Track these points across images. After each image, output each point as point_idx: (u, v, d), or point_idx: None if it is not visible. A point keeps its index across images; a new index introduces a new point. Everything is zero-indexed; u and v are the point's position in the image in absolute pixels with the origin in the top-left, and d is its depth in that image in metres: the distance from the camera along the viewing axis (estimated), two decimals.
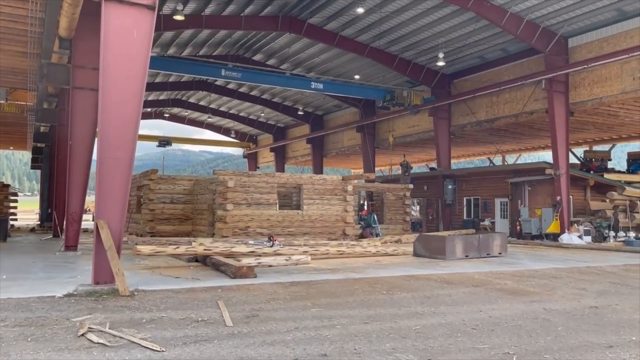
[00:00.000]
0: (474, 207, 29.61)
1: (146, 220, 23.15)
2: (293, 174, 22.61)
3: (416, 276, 10.96)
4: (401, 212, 28.90)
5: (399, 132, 35.52)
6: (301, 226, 21.78)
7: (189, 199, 23.97)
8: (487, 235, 15.44)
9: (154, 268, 11.85)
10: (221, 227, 20.12)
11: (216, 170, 20.71)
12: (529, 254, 17.04)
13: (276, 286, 9.45)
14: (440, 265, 13.18)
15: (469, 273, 11.64)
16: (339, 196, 22.79)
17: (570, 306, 8.11)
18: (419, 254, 15.30)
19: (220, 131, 56.11)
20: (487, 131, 31.48)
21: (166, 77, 38.82)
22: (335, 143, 43.50)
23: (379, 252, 15.35)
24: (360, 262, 13.79)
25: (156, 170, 23.48)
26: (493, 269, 12.51)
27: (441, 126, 30.91)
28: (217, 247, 12.28)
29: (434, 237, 15.39)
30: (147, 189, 23.35)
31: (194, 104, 48.03)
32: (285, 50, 31.67)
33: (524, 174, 26.37)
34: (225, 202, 20.18)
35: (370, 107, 37.36)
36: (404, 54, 29.36)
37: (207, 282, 9.84)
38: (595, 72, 23.14)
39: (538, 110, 25.87)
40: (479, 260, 14.65)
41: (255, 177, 21.18)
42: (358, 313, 7.36)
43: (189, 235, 23.52)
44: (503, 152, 42.04)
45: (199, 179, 23.56)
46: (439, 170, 31.18)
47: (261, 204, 21.00)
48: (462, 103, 30.02)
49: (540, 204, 25.39)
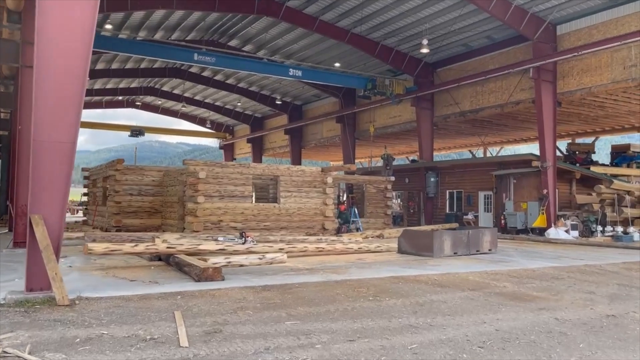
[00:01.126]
0: (457, 201, 28.72)
1: (111, 214, 21.61)
2: (269, 164, 21.32)
3: (404, 277, 9.81)
4: (382, 206, 27.82)
5: (380, 122, 34.44)
6: (278, 220, 20.52)
7: (159, 191, 22.48)
8: (476, 230, 14.42)
9: (110, 269, 10.48)
10: (192, 221, 18.74)
11: (186, 160, 19.29)
12: (519, 250, 16.10)
13: (246, 291, 8.20)
14: (429, 264, 12.08)
15: (462, 273, 10.55)
16: (318, 189, 21.58)
17: (585, 315, 7.04)
18: (404, 250, 14.20)
19: (196, 121, 54.35)
20: (471, 122, 30.60)
21: (137, 64, 36.99)
22: (315, 134, 42.23)
23: (361, 249, 14.20)
24: (342, 260, 12.62)
25: (122, 159, 21.90)
26: (487, 268, 11.46)
27: (424, 117, 29.90)
28: (181, 245, 10.95)
29: (420, 233, 14.30)
30: (112, 180, 21.79)
31: (167, 93, 46.20)
32: (262, 36, 30.21)
33: (510, 166, 25.53)
34: (196, 195, 18.79)
35: (351, 97, 36.18)
36: (386, 40, 28.18)
37: (167, 286, 8.53)
38: (584, 61, 22.32)
39: (524, 100, 25.01)
40: (469, 257, 13.61)
41: (228, 167, 19.81)
42: (341, 327, 6.17)
43: (158, 229, 22.07)
44: (485, 144, 41.34)
45: (169, 169, 22.09)
46: (421, 162, 30.20)
47: (235, 197, 19.66)
48: (445, 93, 29.03)
49: (526, 198, 24.58)
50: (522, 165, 24.60)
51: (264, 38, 30.38)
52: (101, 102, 49.23)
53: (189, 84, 42.59)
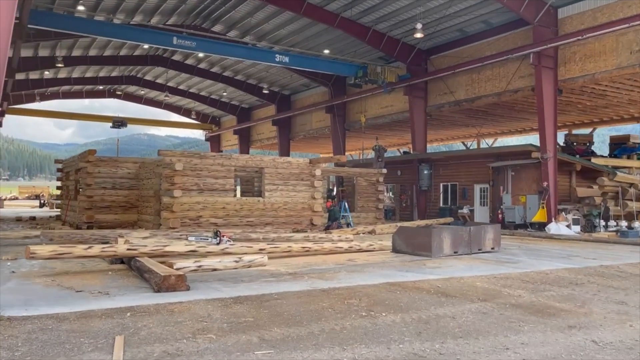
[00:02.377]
0: (452, 194, 27.47)
1: (83, 209, 20.05)
2: (253, 155, 19.87)
3: (402, 284, 8.45)
4: (374, 199, 26.49)
5: (372, 112, 33.03)
6: (262, 215, 19.11)
7: (134, 184, 20.95)
8: (478, 227, 13.11)
9: (59, 275, 9.02)
10: (168, 216, 17.27)
11: (162, 150, 17.76)
12: (523, 248, 14.83)
13: (213, 305, 6.78)
14: (428, 266, 10.74)
15: (467, 278, 9.21)
16: (306, 181, 20.18)
17: (626, 336, 5.73)
18: (399, 249, 12.86)
19: (181, 112, 52.62)
20: (465, 112, 29.32)
21: (116, 50, 35.21)
22: (303, 125, 40.73)
23: (352, 248, 12.84)
24: (330, 262, 11.25)
25: (94, 150, 20.33)
26: (494, 271, 10.14)
27: (417, 106, 28.54)
28: (145, 246, 9.50)
29: (417, 231, 12.95)
30: (84, 172, 20.22)
31: (150, 82, 44.42)
32: (247, 20, 28.59)
33: (507, 157, 24.27)
34: (172, 188, 17.31)
35: (341, 86, 34.71)
36: (377, 25, 26.70)
37: (118, 299, 7.10)
38: (587, 46, 21.04)
39: (523, 88, 23.70)
40: (471, 257, 12.30)
41: (208, 158, 18.33)
42: (328, 357, 4.80)
43: (134, 225, 20.58)
44: (479, 136, 40.13)
45: (145, 161, 20.54)
46: (413, 154, 28.87)
47: (215, 190, 18.20)
48: (439, 81, 27.69)
49: (524, 191, 23.37)
50: (521, 157, 23.35)
51: (249, 23, 28.77)
52: (81, 92, 47.36)
53: (172, 73, 40.86)
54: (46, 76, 39.38)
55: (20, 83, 39.30)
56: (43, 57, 33.37)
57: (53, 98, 46.58)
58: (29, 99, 44.71)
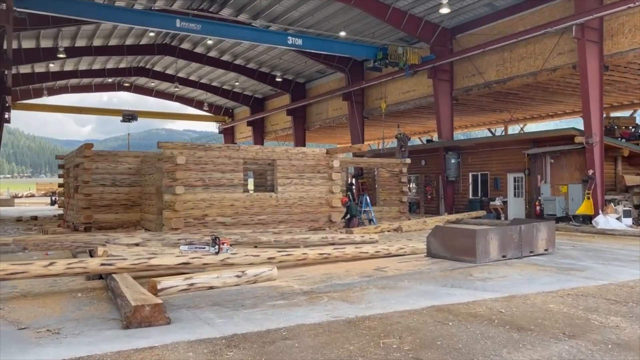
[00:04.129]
0: (482, 184, 25.23)
1: (80, 208, 18.37)
2: (264, 147, 17.94)
3: (452, 309, 6.43)
4: (397, 192, 24.46)
5: (392, 99, 30.80)
6: (275, 213, 17.20)
7: (136, 181, 19.21)
8: (530, 226, 10.99)
9: (15, 299, 7.17)
10: (170, 216, 15.46)
11: (162, 142, 15.91)
12: (578, 248, 12.68)
13: (197, 352, 4.85)
14: (476, 277, 8.69)
15: (534, 297, 7.15)
16: (323, 174, 18.21)
17: None
18: (436, 253, 10.83)
19: (193, 104, 50.94)
20: (493, 96, 27.00)
21: (122, 39, 33.51)
22: (319, 114, 38.67)
23: (379, 253, 10.84)
24: (355, 271, 9.28)
25: (91, 144, 18.59)
26: (562, 283, 8.05)
27: (442, 90, 26.26)
28: (124, 260, 7.62)
29: (458, 232, 10.87)
30: (81, 168, 18.52)
31: (160, 73, 42.73)
32: (257, 3, 26.54)
33: (546, 143, 21.93)
34: (174, 184, 15.49)
35: (359, 72, 32.54)
36: (398, 2, 24.42)
37: (67, 342, 5.18)
38: (638, 15, 18.60)
39: (563, 66, 21.31)
40: (523, 262, 10.21)
41: (213, 150, 16.43)
42: None
43: (136, 225, 18.88)
44: (510, 121, 37.66)
45: (147, 155, 18.73)
46: (439, 141, 26.63)
47: (222, 186, 16.34)
48: (467, 62, 25.38)
49: (565, 180, 21.07)
50: (562, 142, 21.02)
51: (259, 5, 26.71)
52: (90, 86, 45.92)
53: (182, 63, 39.10)
54: (52, 69, 37.93)
55: (26, 77, 37.96)
56: (45, 48, 31.81)
57: (62, 92, 45.22)
58: (37, 93, 43.45)
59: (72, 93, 46.20)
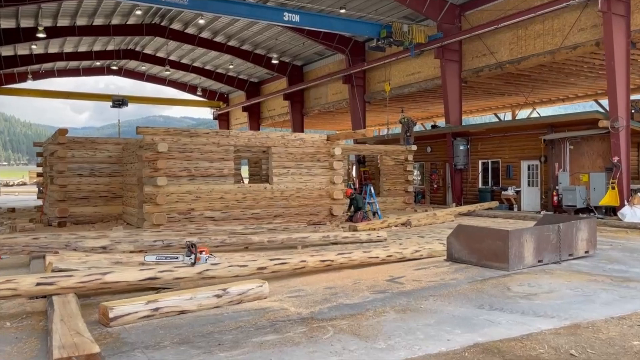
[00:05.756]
0: (493, 173, 23.53)
1: (55, 201, 16.62)
2: (257, 132, 16.16)
3: (503, 350, 4.73)
4: (402, 181, 22.80)
5: (395, 82, 28.94)
6: (270, 206, 15.48)
7: (117, 170, 17.45)
8: (569, 224, 9.30)
9: None
10: (151, 211, 13.74)
11: (141, 127, 14.10)
12: (617, 247, 11.02)
13: None
14: (516, 292, 7.00)
15: (602, 326, 5.46)
16: (323, 163, 16.46)
17: None
18: (458, 257, 9.14)
19: (186, 89, 48.94)
20: (504, 78, 25.20)
21: (107, 19, 31.44)
22: (318, 99, 36.78)
23: (391, 258, 9.14)
24: (364, 283, 7.60)
25: (65, 130, 16.77)
26: (629, 303, 6.36)
27: (450, 71, 24.42)
28: (69, 277, 5.90)
29: (486, 232, 9.15)
30: (55, 157, 16.73)
31: (150, 56, 40.67)
32: None
33: (565, 128, 20.20)
34: (155, 175, 13.74)
35: (360, 53, 30.66)
36: None
37: None
38: None
39: (584, 43, 19.48)
40: (565, 270, 8.53)
41: (200, 137, 14.64)
42: None
43: (118, 219, 17.16)
44: (513, 106, 35.89)
45: (129, 142, 16.94)
46: (447, 126, 24.85)
47: (211, 176, 14.60)
48: (477, 40, 23.52)
49: (587, 168, 19.40)
50: (583, 127, 19.29)
51: None
52: (78, 70, 43.89)
53: (173, 45, 37.07)
54: (35, 51, 35.89)
55: (8, 60, 35.94)
56: (26, 28, 29.81)
57: (48, 76, 43.18)
58: (22, 77, 41.44)
59: (59, 77, 44.17)
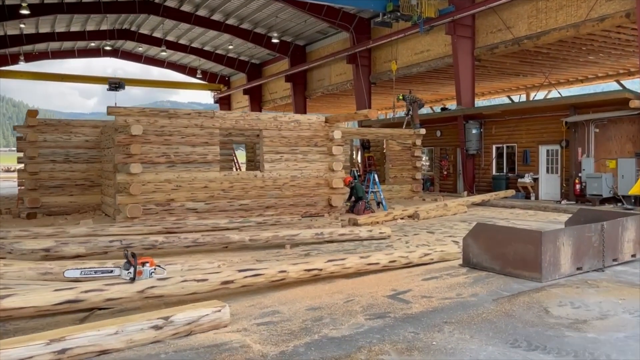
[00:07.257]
0: (508, 158, 21.75)
1: (26, 190, 15.09)
2: (246, 113, 14.46)
3: None
4: (409, 168, 21.10)
5: (402, 61, 27.08)
6: (261, 196, 13.85)
7: (95, 156, 15.87)
8: (614, 222, 7.61)
9: None
10: (124, 201, 12.16)
11: (112, 107, 12.45)
12: None
13: None
14: (558, 318, 5.34)
15: None
16: (321, 147, 14.77)
17: None
18: (477, 263, 7.48)
19: (186, 71, 47.26)
20: (520, 56, 23.31)
21: None
22: (321, 80, 34.96)
23: (395, 264, 7.49)
24: (360, 303, 5.96)
25: (35, 111, 15.18)
26: None
27: (463, 48, 22.54)
28: None
29: (512, 233, 7.44)
30: (25, 141, 15.16)
31: (146, 36, 38.95)
32: None
33: (589, 109, 18.34)
34: (129, 161, 12.12)
35: (365, 31, 28.80)
36: None
37: None
38: None
39: (613, 14, 17.56)
40: (611, 280, 6.85)
41: (181, 118, 12.96)
42: None
43: (96, 210, 15.62)
44: (528, 87, 33.87)
45: (107, 124, 15.32)
46: (458, 108, 23.02)
47: (193, 163, 12.97)
48: (492, 14, 21.60)
49: (614, 153, 17.59)
50: (610, 108, 17.43)
51: None
52: (73, 51, 42.27)
53: (170, 24, 35.29)
54: (26, 31, 34.23)
55: None
56: (10, 5, 28.14)
57: (42, 58, 41.58)
58: (14, 59, 39.86)
59: (53, 59, 42.57)
